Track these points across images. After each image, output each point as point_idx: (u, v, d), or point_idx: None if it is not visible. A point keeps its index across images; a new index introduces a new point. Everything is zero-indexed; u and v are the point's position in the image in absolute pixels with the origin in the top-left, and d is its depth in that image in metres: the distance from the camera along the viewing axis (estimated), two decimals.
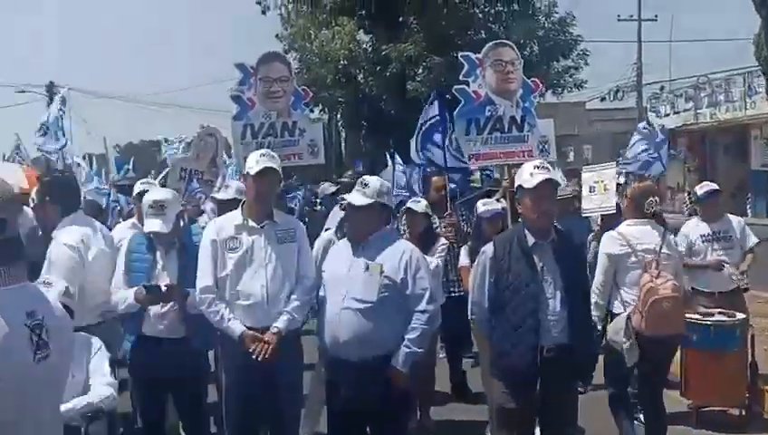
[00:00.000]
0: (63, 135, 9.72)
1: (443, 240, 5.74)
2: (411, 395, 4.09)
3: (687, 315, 4.92)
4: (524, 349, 3.62)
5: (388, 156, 12.39)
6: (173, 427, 4.66)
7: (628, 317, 4.44)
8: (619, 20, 32.91)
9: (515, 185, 3.82)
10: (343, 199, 4.12)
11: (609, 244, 4.70)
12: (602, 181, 6.17)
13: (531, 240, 3.70)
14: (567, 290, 3.66)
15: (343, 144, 27.13)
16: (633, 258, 4.58)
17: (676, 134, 24.45)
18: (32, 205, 4.80)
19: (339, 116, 23.49)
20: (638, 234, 4.64)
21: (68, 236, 4.20)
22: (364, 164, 13.32)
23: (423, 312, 3.75)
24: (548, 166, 3.77)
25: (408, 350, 3.72)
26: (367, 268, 3.75)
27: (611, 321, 4.68)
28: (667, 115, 29.85)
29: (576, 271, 3.81)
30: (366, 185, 3.85)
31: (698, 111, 28.70)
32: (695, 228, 6.17)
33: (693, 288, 5.97)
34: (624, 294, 4.60)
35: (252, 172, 3.96)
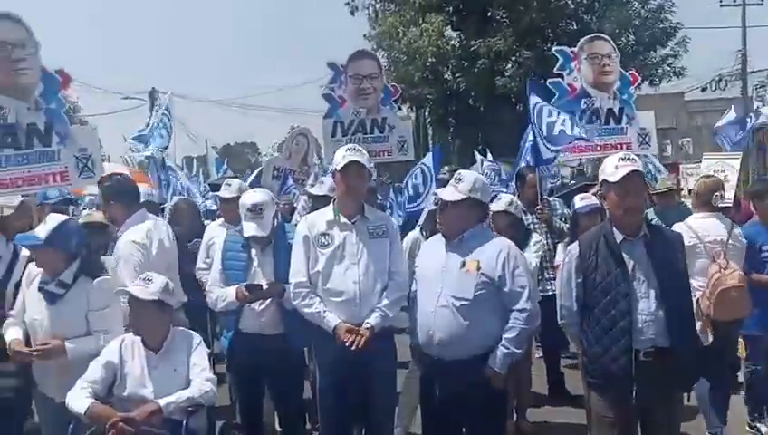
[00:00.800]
0: (168, 134, 10.11)
1: (537, 236, 5.56)
2: (507, 396, 3.96)
3: None
4: (617, 353, 3.36)
5: (476, 152, 12.23)
6: (269, 422, 4.72)
7: (697, 301, 4.55)
8: (721, 5, 31.17)
9: (600, 179, 3.57)
10: (436, 195, 4.03)
11: None
12: (723, 171, 5.84)
13: (619, 237, 3.45)
14: (662, 288, 3.38)
15: (431, 142, 27.03)
16: (701, 249, 4.82)
17: None
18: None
19: (426, 114, 23.37)
20: (706, 226, 4.94)
21: (135, 234, 4.35)
22: (449, 161, 13.15)
23: (521, 311, 3.61)
24: (634, 157, 3.49)
25: (506, 350, 3.60)
26: (463, 265, 3.65)
27: None
28: None
29: (673, 268, 3.49)
30: (460, 180, 3.74)
31: None
32: None
33: None
34: (693, 282, 4.28)
35: (339, 167, 3.95)
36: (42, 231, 3.76)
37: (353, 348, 3.75)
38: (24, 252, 4.21)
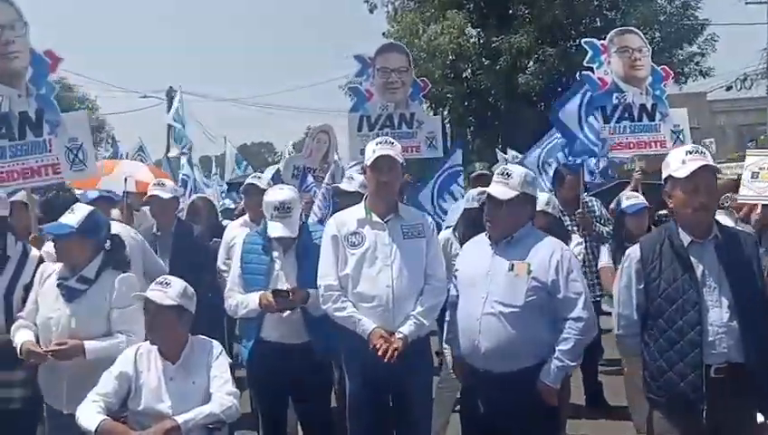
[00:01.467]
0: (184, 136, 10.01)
1: (577, 238, 5.24)
2: (559, 412, 3.63)
3: None
4: (685, 368, 2.99)
5: (498, 152, 11.94)
6: (293, 433, 4.45)
7: None
8: (747, 3, 30.58)
9: (663, 176, 3.20)
10: (482, 193, 3.68)
11: None
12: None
13: (686, 239, 3.08)
14: (736, 297, 3.00)
15: (449, 141, 26.74)
16: None
17: None
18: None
19: (446, 112, 23.11)
20: None
21: None
22: (469, 160, 12.85)
23: (577, 319, 3.27)
24: (703, 150, 3.12)
25: (560, 363, 3.26)
26: (511, 268, 3.32)
27: None
28: None
29: (747, 273, 3.11)
30: (509, 175, 3.41)
31: None
32: None
33: None
34: None
35: (369, 162, 3.65)
36: (72, 219, 3.54)
37: (385, 359, 3.44)
38: (34, 252, 3.96)
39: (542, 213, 4.66)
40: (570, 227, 5.59)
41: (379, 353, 3.44)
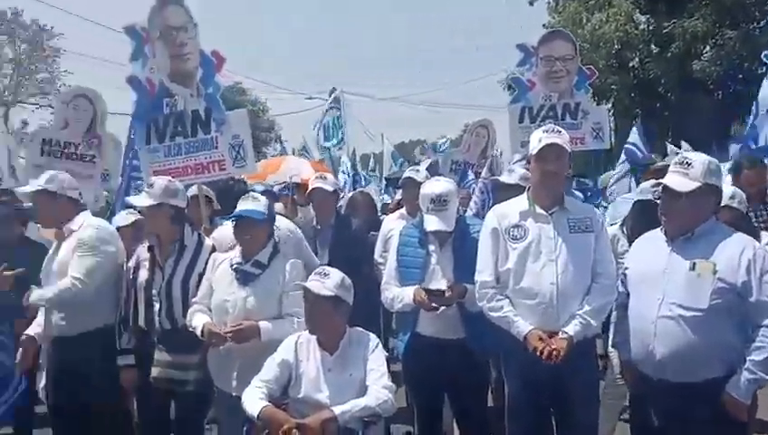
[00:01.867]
0: (340, 133, 10.33)
1: (767, 236, 4.67)
2: (747, 429, 3.23)
3: None
4: None
5: (668, 145, 11.09)
6: (449, 431, 4.34)
7: None
8: None
9: None
10: (657, 185, 3.36)
11: None
12: None
13: None
14: None
15: (613, 134, 25.44)
16: None
17: None
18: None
19: (610, 104, 22.02)
20: None
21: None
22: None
23: None
24: None
25: (752, 376, 2.90)
26: (693, 267, 2.99)
27: None
28: None
29: None
30: (689, 164, 3.07)
31: None
32: None
33: None
34: None
35: (534, 151, 3.45)
36: (260, 206, 3.71)
37: (547, 361, 3.24)
38: (208, 242, 4.16)
39: (727, 208, 4.19)
40: (757, 225, 5.02)
41: (543, 356, 3.25)
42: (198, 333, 3.64)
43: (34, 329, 4.21)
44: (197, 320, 3.69)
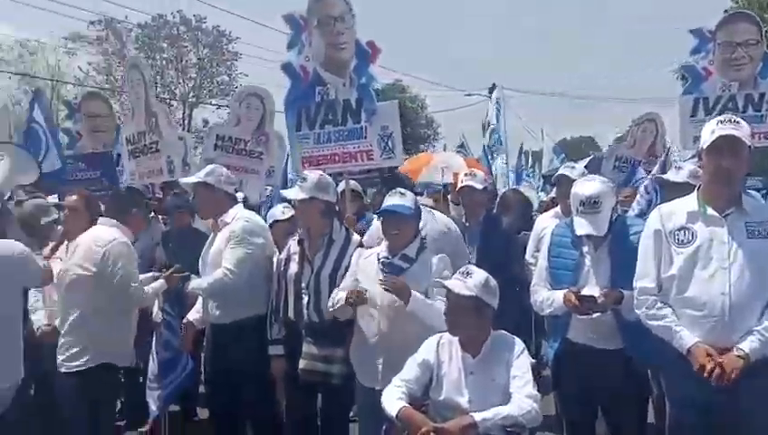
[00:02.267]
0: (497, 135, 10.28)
1: None
2: None
3: None
4: None
5: None
6: None
7: None
8: None
9: None
10: None
11: None
12: None
13: None
14: None
15: None
16: None
17: None
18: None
19: None
20: None
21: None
22: None
23: None
24: None
25: None
26: None
27: None
28: None
29: None
30: None
31: None
32: None
33: None
34: None
35: (706, 145, 3.08)
36: (408, 201, 3.75)
37: (716, 382, 2.89)
38: (356, 237, 4.20)
39: None
40: None
41: (712, 377, 2.90)
42: (342, 300, 3.66)
43: (193, 315, 4.48)
44: (340, 294, 3.73)
